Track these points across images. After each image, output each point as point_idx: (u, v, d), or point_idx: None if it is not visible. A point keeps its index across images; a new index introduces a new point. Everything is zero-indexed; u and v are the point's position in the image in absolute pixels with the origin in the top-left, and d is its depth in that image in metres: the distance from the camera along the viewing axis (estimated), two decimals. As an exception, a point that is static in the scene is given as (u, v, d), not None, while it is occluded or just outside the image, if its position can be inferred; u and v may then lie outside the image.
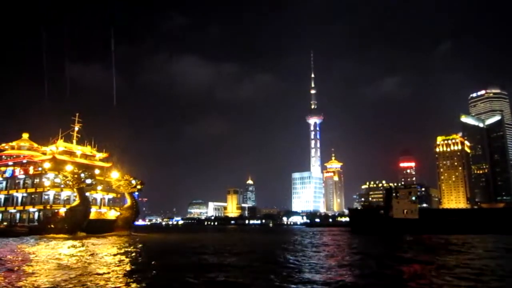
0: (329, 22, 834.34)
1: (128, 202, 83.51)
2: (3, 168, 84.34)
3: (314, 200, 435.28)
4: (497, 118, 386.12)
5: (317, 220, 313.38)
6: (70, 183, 72.80)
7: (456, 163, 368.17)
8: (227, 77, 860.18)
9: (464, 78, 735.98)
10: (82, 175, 73.31)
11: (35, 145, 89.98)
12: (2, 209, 79.85)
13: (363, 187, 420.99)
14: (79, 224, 72.06)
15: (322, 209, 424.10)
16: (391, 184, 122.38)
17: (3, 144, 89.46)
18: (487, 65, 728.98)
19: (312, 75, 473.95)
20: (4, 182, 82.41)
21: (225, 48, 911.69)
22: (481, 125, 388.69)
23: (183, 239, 74.87)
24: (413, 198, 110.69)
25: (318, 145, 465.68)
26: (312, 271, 25.33)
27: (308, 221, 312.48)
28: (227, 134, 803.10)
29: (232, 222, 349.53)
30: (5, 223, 78.48)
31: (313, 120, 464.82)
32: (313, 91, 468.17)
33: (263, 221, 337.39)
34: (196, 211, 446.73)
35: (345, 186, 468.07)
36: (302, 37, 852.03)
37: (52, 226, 71.55)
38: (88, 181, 74.28)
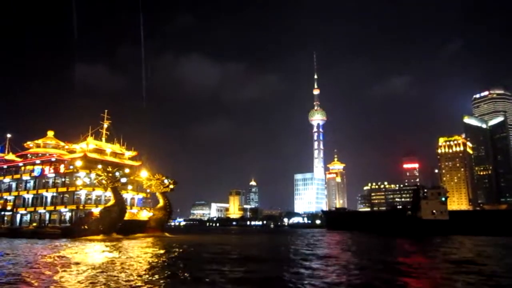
0: (335, 21, 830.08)
1: (161, 202, 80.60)
2: (29, 167, 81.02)
3: (316, 201, 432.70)
4: (500, 119, 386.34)
5: (318, 221, 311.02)
6: (105, 182, 69.71)
7: (458, 164, 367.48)
8: (232, 77, 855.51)
9: (468, 79, 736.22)
10: (117, 173, 70.30)
11: (61, 143, 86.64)
12: (31, 209, 76.48)
13: (365, 188, 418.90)
14: (114, 225, 69.04)
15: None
16: (419, 185, 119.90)
17: (28, 142, 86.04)
18: (491, 66, 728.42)
19: (315, 76, 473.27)
20: (32, 182, 79.07)
21: (230, 48, 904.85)
22: (484, 126, 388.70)
23: (216, 240, 72.49)
24: (443, 198, 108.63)
25: (321, 146, 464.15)
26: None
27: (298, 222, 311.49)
28: (231, 135, 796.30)
29: (234, 223, 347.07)
30: (34, 224, 75.20)
31: (316, 121, 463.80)
32: (316, 92, 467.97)
33: (264, 222, 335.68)
34: (199, 212, 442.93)
35: (348, 187, 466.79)
36: (306, 37, 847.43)
37: (86, 227, 68.29)
38: (123, 180, 71.32)
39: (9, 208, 79.10)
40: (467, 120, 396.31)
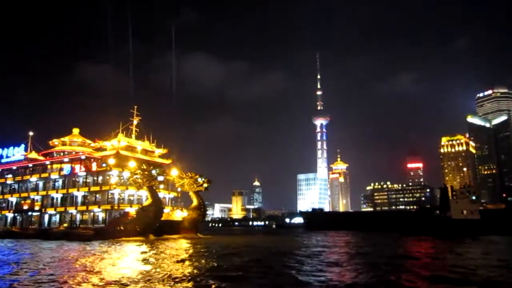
0: (337, 20, 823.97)
1: (195, 202, 77.35)
2: (56, 165, 77.59)
3: (319, 201, 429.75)
4: (504, 118, 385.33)
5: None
6: (140, 180, 66.43)
7: (460, 164, 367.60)
8: (235, 76, 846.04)
9: (472, 78, 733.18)
10: (154, 171, 67.15)
11: (87, 141, 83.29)
12: (61, 209, 72.94)
13: (368, 188, 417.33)
14: (152, 226, 65.82)
15: (327, 211, 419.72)
16: (447, 185, 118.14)
17: (54, 140, 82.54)
18: (495, 65, 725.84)
19: (318, 76, 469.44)
20: (61, 180, 75.52)
21: (234, 47, 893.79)
22: (487, 125, 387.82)
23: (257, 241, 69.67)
24: (473, 197, 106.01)
25: (325, 146, 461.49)
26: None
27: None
28: (234, 134, 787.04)
29: (236, 223, 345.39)
30: (65, 225, 71.76)
31: (320, 121, 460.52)
32: (319, 92, 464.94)
33: (267, 222, 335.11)
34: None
35: (352, 187, 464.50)
36: (309, 36, 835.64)
37: (122, 228, 64.95)
38: (160, 178, 68.17)
39: (36, 208, 75.50)
40: (471, 119, 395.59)
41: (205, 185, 77.58)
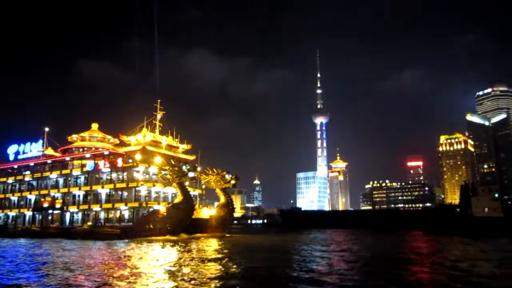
0: (338, 18, 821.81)
1: (222, 199, 74.43)
2: (77, 162, 74.25)
3: (318, 199, 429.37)
4: (503, 116, 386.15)
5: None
6: (169, 176, 63.44)
7: (459, 162, 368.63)
8: (236, 75, 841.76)
9: (472, 76, 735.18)
10: (184, 167, 64.10)
11: (107, 136, 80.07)
12: (85, 207, 69.52)
13: (366, 186, 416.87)
14: (183, 224, 62.92)
15: (327, 209, 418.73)
16: (467, 183, 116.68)
17: (73, 136, 79.17)
18: (494, 63, 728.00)
19: (318, 75, 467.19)
20: (83, 177, 72.18)
21: (235, 44, 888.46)
22: (486, 123, 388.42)
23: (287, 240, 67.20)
24: (496, 195, 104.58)
25: (325, 145, 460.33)
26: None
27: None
28: (234, 132, 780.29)
29: (235, 221, 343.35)
30: (89, 223, 68.53)
31: (319, 120, 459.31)
32: (319, 91, 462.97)
33: (265, 221, 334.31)
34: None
35: (351, 185, 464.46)
36: (312, 33, 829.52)
37: (151, 226, 61.94)
38: (191, 174, 65.10)
39: (57, 206, 72.03)
40: (470, 117, 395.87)
41: (233, 181, 74.64)
